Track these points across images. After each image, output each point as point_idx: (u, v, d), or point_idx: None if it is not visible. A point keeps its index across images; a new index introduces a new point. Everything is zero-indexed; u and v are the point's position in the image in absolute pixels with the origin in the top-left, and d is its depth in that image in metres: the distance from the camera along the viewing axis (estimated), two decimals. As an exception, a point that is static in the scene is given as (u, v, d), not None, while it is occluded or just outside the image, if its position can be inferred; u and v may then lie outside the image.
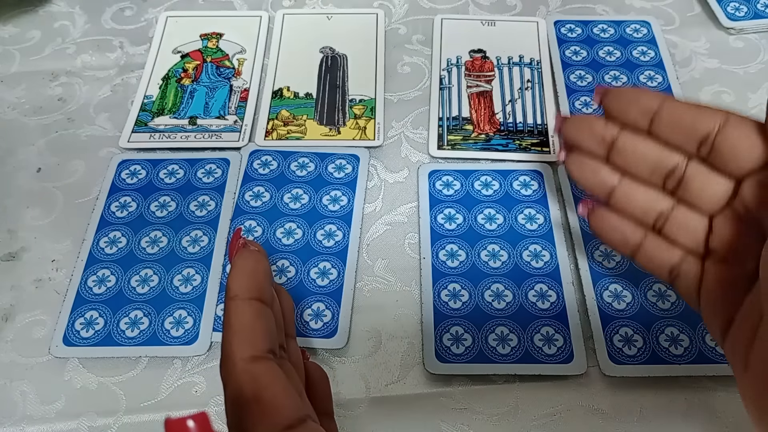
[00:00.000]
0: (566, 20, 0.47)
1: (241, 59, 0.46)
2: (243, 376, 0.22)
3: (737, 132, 0.25)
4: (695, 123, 0.26)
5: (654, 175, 0.28)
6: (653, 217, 0.28)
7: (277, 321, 0.26)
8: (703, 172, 0.26)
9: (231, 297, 0.24)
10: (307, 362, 0.29)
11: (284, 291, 0.30)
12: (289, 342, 0.28)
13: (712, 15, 0.47)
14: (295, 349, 0.28)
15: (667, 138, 0.27)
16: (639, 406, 0.31)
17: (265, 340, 0.23)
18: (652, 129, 0.27)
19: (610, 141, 0.29)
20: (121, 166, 0.40)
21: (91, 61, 0.46)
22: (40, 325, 0.34)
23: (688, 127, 0.26)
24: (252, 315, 0.23)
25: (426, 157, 0.40)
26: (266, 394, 0.21)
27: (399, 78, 0.44)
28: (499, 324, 0.33)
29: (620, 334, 0.32)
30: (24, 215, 0.38)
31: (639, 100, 0.27)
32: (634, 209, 0.29)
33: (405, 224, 0.38)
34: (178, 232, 0.37)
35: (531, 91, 0.43)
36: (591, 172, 0.30)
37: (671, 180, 0.27)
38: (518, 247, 0.36)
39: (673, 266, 0.28)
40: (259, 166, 0.40)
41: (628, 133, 0.28)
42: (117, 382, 0.32)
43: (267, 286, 0.25)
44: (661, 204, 0.28)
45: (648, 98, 0.27)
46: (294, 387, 0.23)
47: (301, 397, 0.24)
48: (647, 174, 0.28)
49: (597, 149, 0.29)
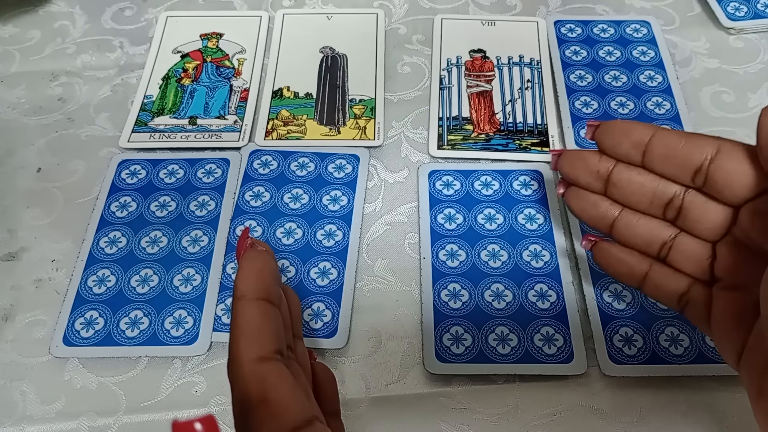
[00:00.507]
0: (566, 20, 0.47)
1: (241, 59, 0.46)
2: (250, 377, 0.22)
3: (729, 161, 0.24)
4: (687, 154, 0.25)
5: (653, 206, 0.28)
6: (657, 246, 0.28)
7: (285, 321, 0.26)
8: (701, 201, 0.26)
9: (238, 297, 0.24)
10: (314, 362, 0.29)
11: (291, 291, 0.30)
12: (297, 342, 0.28)
13: (712, 15, 0.47)
14: (302, 349, 0.28)
15: (661, 170, 0.27)
16: (639, 406, 0.31)
17: (272, 341, 0.23)
18: (645, 162, 0.27)
19: (605, 175, 0.29)
20: (121, 166, 0.40)
21: (91, 61, 0.46)
22: (40, 325, 0.34)
23: (680, 159, 0.26)
24: (259, 315, 0.23)
25: (426, 157, 0.40)
26: (274, 395, 0.21)
27: (399, 78, 0.44)
28: (499, 324, 0.33)
29: (620, 334, 0.32)
30: (24, 215, 0.38)
31: (630, 134, 0.27)
32: (637, 240, 0.29)
33: (405, 224, 0.38)
34: (178, 232, 0.37)
35: (531, 91, 0.43)
36: (591, 205, 0.30)
37: (671, 210, 0.27)
38: (518, 247, 0.36)
39: (681, 294, 0.28)
40: (259, 166, 0.40)
41: (623, 166, 0.28)
42: (117, 382, 0.32)
43: (274, 286, 0.25)
44: (663, 233, 0.28)
45: (639, 131, 0.27)
46: (301, 387, 0.23)
47: (308, 397, 0.24)
48: (646, 205, 0.28)
49: (594, 184, 0.29)
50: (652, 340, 0.32)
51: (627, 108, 0.42)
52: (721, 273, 0.26)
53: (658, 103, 0.42)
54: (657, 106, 0.42)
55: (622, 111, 0.41)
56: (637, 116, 0.41)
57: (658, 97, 0.42)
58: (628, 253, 0.29)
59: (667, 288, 0.28)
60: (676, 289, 0.28)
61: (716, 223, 0.26)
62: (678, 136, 0.26)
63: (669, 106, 0.42)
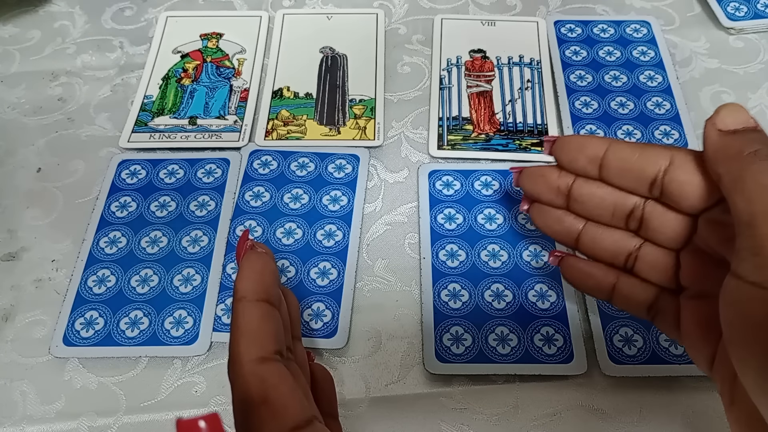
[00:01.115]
0: (566, 20, 0.47)
1: (241, 59, 0.46)
2: (251, 378, 0.22)
3: (682, 173, 0.24)
4: (641, 167, 0.25)
5: (615, 218, 0.28)
6: (623, 257, 0.28)
7: (284, 322, 0.26)
8: (660, 211, 0.26)
9: (239, 298, 0.24)
10: (312, 363, 0.29)
11: (290, 293, 0.30)
12: (296, 344, 0.28)
13: (712, 15, 0.47)
14: (301, 350, 0.28)
15: (618, 183, 0.27)
16: (639, 406, 0.31)
17: (272, 342, 0.23)
18: (602, 176, 0.27)
19: (566, 191, 0.29)
20: (121, 166, 0.40)
21: (91, 61, 0.46)
22: (40, 325, 0.34)
23: (635, 172, 0.26)
24: (260, 316, 0.23)
25: (426, 157, 0.40)
26: (274, 395, 0.21)
27: (399, 78, 0.44)
28: (499, 324, 0.33)
29: (620, 334, 0.32)
30: (24, 215, 0.38)
31: (584, 149, 0.27)
32: (603, 252, 0.29)
33: (405, 224, 0.38)
34: (178, 232, 0.37)
35: (531, 91, 0.43)
36: (555, 221, 0.30)
37: (633, 221, 0.27)
38: (518, 247, 0.36)
39: (650, 305, 0.28)
40: (259, 166, 0.40)
41: (582, 180, 0.28)
42: (117, 382, 0.32)
43: (274, 287, 0.25)
44: (628, 244, 0.28)
45: (593, 145, 0.27)
46: (300, 388, 0.23)
47: (307, 398, 0.24)
48: (608, 218, 0.28)
49: (556, 200, 0.29)
50: (652, 340, 0.32)
51: (627, 108, 0.42)
52: (686, 281, 0.26)
53: (658, 103, 0.42)
54: (657, 106, 0.42)
55: (622, 111, 0.41)
56: (637, 116, 0.41)
57: (658, 97, 0.42)
58: (595, 267, 0.29)
59: (636, 299, 0.28)
60: (645, 300, 0.28)
61: (677, 232, 0.26)
62: (632, 148, 0.26)
63: (669, 106, 0.42)
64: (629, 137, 0.40)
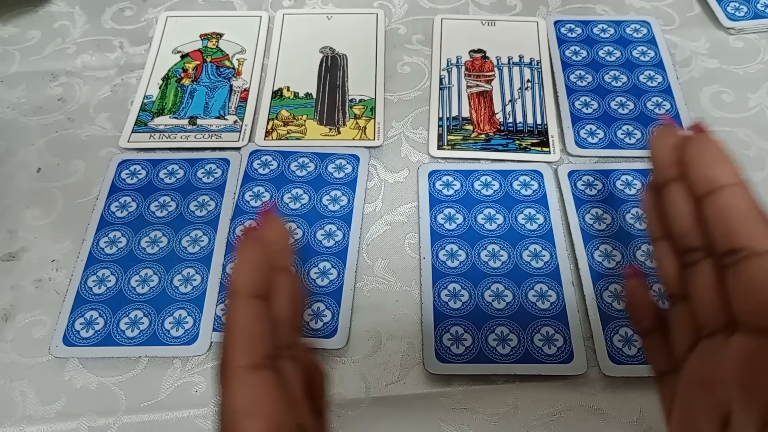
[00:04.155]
0: (566, 20, 0.47)
1: (241, 59, 0.46)
2: (239, 387, 0.22)
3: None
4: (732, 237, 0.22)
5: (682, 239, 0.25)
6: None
7: (282, 317, 0.26)
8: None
9: (232, 293, 0.24)
10: (310, 358, 0.29)
11: (298, 279, 0.29)
12: (295, 337, 0.27)
13: (712, 15, 0.47)
14: (300, 344, 0.28)
15: (709, 228, 0.23)
16: (639, 406, 0.31)
17: (264, 345, 0.23)
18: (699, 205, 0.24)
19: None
20: (121, 166, 0.40)
21: (91, 61, 0.46)
22: (40, 325, 0.34)
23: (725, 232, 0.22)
24: (253, 317, 0.23)
25: (426, 157, 0.40)
26: (260, 410, 0.22)
27: (399, 78, 0.44)
28: (499, 324, 0.33)
29: (620, 334, 0.32)
30: (24, 215, 0.38)
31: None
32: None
33: (405, 224, 0.38)
34: (178, 232, 0.37)
35: (531, 91, 0.43)
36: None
37: (686, 256, 0.25)
38: (518, 247, 0.36)
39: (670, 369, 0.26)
40: (259, 166, 0.40)
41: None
42: (117, 382, 0.32)
43: (269, 280, 0.25)
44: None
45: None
46: (290, 394, 0.23)
47: (296, 403, 0.24)
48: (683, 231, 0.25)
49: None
50: (652, 340, 0.32)
51: (627, 108, 0.42)
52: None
53: (658, 103, 0.42)
54: (657, 106, 0.42)
55: (622, 111, 0.41)
56: (637, 116, 0.41)
57: (658, 97, 0.42)
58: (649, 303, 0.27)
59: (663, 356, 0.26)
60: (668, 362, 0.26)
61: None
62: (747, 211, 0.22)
63: (669, 106, 0.42)
64: (629, 137, 0.40)
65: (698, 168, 0.23)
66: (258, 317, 0.24)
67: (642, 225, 0.36)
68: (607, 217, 0.37)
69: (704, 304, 0.24)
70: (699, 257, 0.24)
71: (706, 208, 0.23)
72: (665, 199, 0.25)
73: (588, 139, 0.40)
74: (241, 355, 0.23)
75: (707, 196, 0.23)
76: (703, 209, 0.23)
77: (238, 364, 0.22)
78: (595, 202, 0.37)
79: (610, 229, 0.36)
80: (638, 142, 0.40)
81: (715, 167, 0.23)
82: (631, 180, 0.38)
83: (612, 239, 0.36)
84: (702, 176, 0.23)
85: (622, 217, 0.37)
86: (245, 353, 0.23)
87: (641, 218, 0.36)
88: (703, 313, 0.24)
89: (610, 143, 0.40)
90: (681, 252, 0.25)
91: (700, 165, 0.23)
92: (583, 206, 0.37)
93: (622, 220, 0.36)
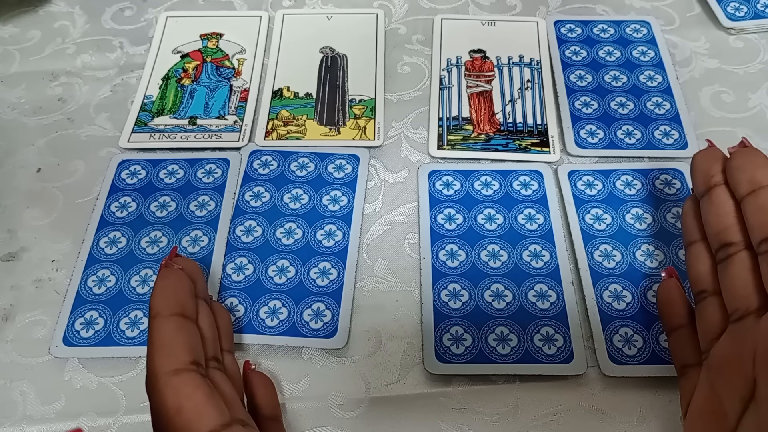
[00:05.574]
0: (566, 20, 0.47)
1: (241, 59, 0.46)
2: (165, 389, 0.23)
3: None
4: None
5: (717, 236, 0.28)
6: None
7: (207, 335, 0.27)
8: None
9: (153, 315, 0.25)
10: (251, 371, 0.30)
11: (221, 307, 0.32)
12: (225, 356, 0.29)
13: (712, 15, 0.47)
14: (230, 360, 0.30)
15: (748, 222, 0.26)
16: (639, 406, 0.31)
17: (187, 353, 0.24)
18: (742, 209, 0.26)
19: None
20: (121, 166, 0.40)
21: (91, 61, 0.46)
22: (40, 325, 0.34)
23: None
24: (173, 330, 0.25)
25: (426, 157, 0.40)
26: (187, 405, 0.22)
27: (399, 78, 0.45)
28: (499, 324, 0.33)
29: (620, 334, 0.32)
30: (24, 215, 0.38)
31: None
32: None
33: (405, 224, 0.38)
34: (178, 232, 0.37)
35: (531, 91, 0.43)
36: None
37: (721, 252, 0.27)
38: (518, 247, 0.36)
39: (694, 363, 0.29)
40: (259, 166, 0.40)
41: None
42: (117, 382, 0.32)
43: (189, 301, 0.26)
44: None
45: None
46: (224, 395, 0.25)
47: (232, 404, 0.25)
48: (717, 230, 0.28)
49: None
50: (652, 340, 0.32)
51: (627, 108, 0.42)
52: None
53: (658, 103, 0.42)
54: (657, 106, 0.42)
55: (622, 111, 0.41)
56: (637, 116, 0.41)
57: (658, 97, 0.42)
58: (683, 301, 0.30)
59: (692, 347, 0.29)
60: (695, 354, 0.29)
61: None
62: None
63: (669, 106, 0.42)
64: (629, 137, 0.40)
65: (743, 172, 0.26)
66: (178, 329, 0.25)
67: (642, 225, 0.36)
68: (607, 217, 0.37)
69: (736, 289, 0.26)
70: (734, 250, 0.26)
71: (747, 205, 0.26)
72: (706, 203, 0.28)
73: (588, 139, 0.40)
74: (165, 363, 0.24)
75: (749, 195, 0.26)
76: (744, 207, 0.26)
77: (163, 371, 0.23)
78: (595, 202, 0.37)
79: (610, 229, 0.36)
80: (638, 142, 0.40)
81: (757, 170, 0.26)
82: (631, 180, 0.38)
83: (612, 239, 0.36)
84: (746, 179, 0.26)
85: (622, 217, 0.37)
86: (169, 361, 0.24)
87: (641, 218, 0.36)
88: (734, 300, 0.26)
89: (610, 143, 0.40)
90: (715, 250, 0.28)
91: (745, 169, 0.26)
92: (583, 206, 0.37)
93: (622, 220, 0.36)
